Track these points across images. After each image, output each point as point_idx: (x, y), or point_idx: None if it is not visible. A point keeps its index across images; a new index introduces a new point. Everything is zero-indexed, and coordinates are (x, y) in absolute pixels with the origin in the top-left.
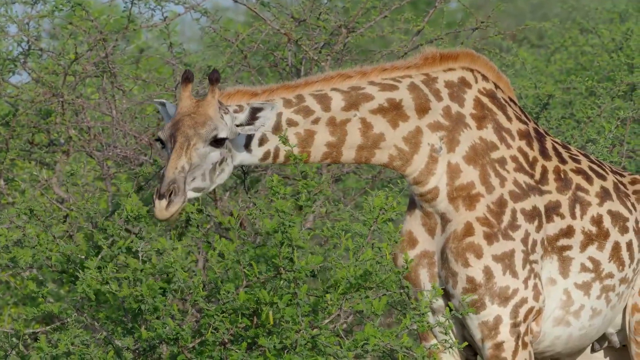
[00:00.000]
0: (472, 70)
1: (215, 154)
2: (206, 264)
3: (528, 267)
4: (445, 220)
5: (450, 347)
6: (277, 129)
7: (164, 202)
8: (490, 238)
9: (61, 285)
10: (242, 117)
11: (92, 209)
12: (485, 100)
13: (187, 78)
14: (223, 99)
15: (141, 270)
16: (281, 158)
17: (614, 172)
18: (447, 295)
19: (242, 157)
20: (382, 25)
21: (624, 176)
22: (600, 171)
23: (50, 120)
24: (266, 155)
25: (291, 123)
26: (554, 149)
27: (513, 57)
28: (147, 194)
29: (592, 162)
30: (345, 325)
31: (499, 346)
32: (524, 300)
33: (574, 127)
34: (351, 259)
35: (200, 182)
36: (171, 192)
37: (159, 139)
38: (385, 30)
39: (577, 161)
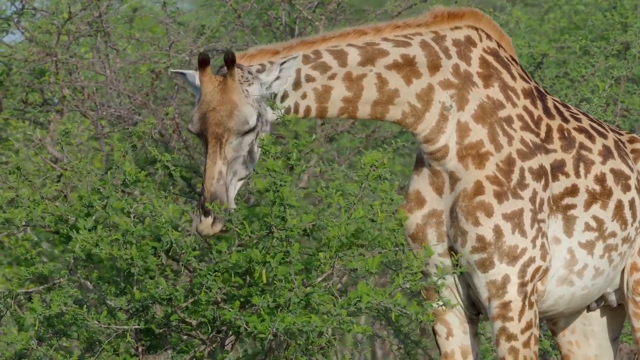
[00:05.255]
0: (476, 29)
1: (250, 136)
2: None
3: (536, 226)
4: (454, 179)
5: (453, 306)
6: (297, 84)
7: (210, 219)
8: (500, 197)
9: (55, 245)
10: (270, 77)
11: (85, 168)
12: (490, 59)
13: (202, 61)
14: (245, 60)
15: (132, 233)
16: (301, 112)
17: (613, 131)
18: (453, 254)
19: (269, 117)
20: None
21: (622, 134)
22: (601, 129)
23: (44, 79)
24: (287, 111)
25: (309, 79)
26: (556, 107)
27: (507, 16)
28: (141, 154)
29: (592, 120)
30: (339, 285)
31: (506, 305)
32: (532, 260)
33: (568, 87)
34: (343, 217)
35: (243, 171)
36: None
37: (190, 132)
38: None
39: (579, 120)
